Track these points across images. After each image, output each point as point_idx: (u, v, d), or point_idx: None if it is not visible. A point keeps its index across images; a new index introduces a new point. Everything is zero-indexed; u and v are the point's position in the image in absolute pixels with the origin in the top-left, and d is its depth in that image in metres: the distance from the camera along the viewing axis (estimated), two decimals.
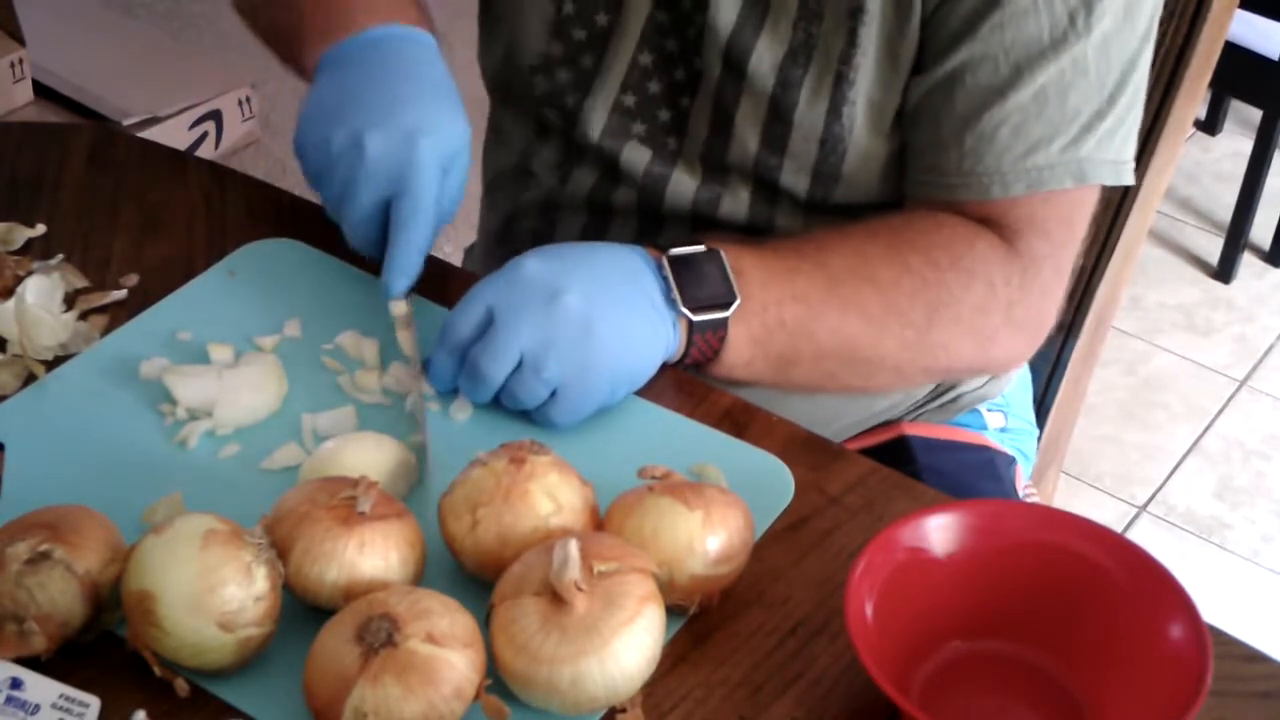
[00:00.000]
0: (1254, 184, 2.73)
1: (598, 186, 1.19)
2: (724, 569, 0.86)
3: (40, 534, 0.81)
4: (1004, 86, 1.04)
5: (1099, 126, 1.05)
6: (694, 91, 1.13)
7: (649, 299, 0.98)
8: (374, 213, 1.00)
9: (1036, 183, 1.05)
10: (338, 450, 0.92)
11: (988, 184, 1.06)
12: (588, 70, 1.15)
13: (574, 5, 1.14)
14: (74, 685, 0.80)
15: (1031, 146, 1.05)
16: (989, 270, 1.06)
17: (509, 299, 0.95)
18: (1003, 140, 1.05)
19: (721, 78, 1.10)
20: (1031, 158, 1.05)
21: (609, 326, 0.95)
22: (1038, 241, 1.07)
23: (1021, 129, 1.04)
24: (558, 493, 0.86)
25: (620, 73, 1.14)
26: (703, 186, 1.15)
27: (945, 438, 1.23)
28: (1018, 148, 1.05)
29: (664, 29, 1.12)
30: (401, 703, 0.76)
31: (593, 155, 1.18)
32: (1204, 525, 2.36)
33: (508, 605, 0.81)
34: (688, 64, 1.12)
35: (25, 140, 1.24)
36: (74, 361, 1.02)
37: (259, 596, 0.80)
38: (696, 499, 0.86)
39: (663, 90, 1.14)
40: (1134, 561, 0.85)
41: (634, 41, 1.13)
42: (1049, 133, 1.04)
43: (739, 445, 0.98)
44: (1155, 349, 2.67)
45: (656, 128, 1.15)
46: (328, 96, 1.02)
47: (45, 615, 0.81)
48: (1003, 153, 1.05)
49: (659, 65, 1.13)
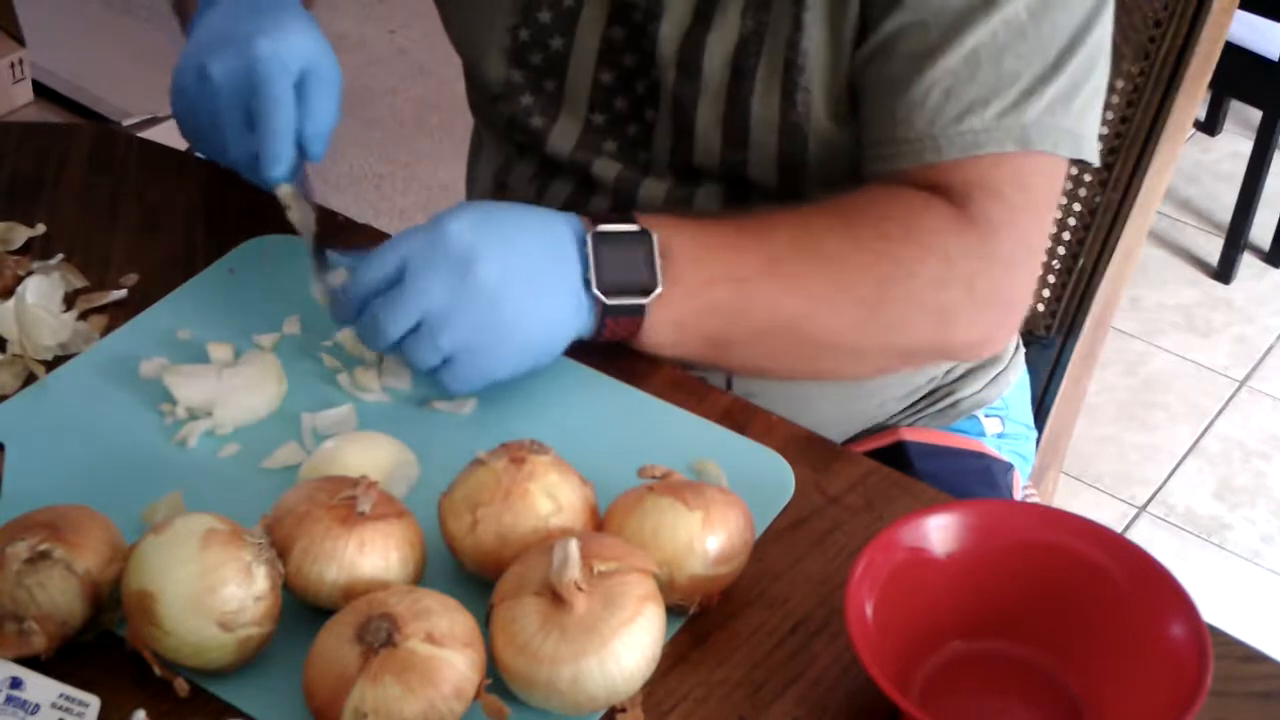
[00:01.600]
0: (1254, 184, 2.73)
1: (573, 198, 1.19)
2: (724, 569, 0.86)
3: (40, 533, 0.81)
4: (933, 50, 1.01)
5: (1044, 91, 1.02)
6: (656, 102, 1.13)
7: (565, 279, 0.97)
8: (245, 131, 1.03)
9: (972, 145, 1.01)
10: (338, 450, 0.92)
11: (920, 149, 1.03)
12: (551, 93, 1.16)
13: (529, 32, 1.14)
14: (74, 685, 0.80)
15: (965, 110, 1.02)
16: (944, 241, 1.01)
17: (423, 258, 0.94)
18: (934, 104, 1.02)
19: (678, 80, 1.10)
20: (966, 121, 1.02)
21: (516, 305, 0.95)
22: (990, 204, 1.02)
23: (953, 93, 1.02)
24: (558, 492, 0.86)
25: (584, 93, 1.15)
26: (674, 189, 1.15)
27: (942, 444, 1.23)
28: (950, 111, 1.02)
29: (620, 46, 1.12)
30: (401, 702, 0.76)
31: (566, 170, 1.18)
32: (1204, 525, 2.36)
33: (508, 605, 0.81)
34: (647, 76, 1.12)
35: (25, 140, 1.24)
36: (74, 362, 1.02)
37: (259, 596, 0.80)
38: (696, 499, 0.86)
39: (628, 106, 1.14)
40: (1134, 561, 0.85)
41: (592, 61, 1.13)
42: (984, 96, 1.01)
43: (739, 440, 0.98)
44: (1155, 349, 2.67)
45: (626, 142, 1.15)
46: (185, 52, 1.07)
47: (45, 615, 0.81)
48: (934, 117, 1.02)
49: (620, 82, 1.13)
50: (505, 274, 0.94)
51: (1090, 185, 1.33)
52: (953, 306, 1.02)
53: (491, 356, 0.96)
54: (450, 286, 0.94)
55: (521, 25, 1.14)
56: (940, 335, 1.04)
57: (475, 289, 0.94)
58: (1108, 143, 1.32)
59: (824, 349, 1.03)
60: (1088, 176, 1.34)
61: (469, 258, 0.94)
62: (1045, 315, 1.39)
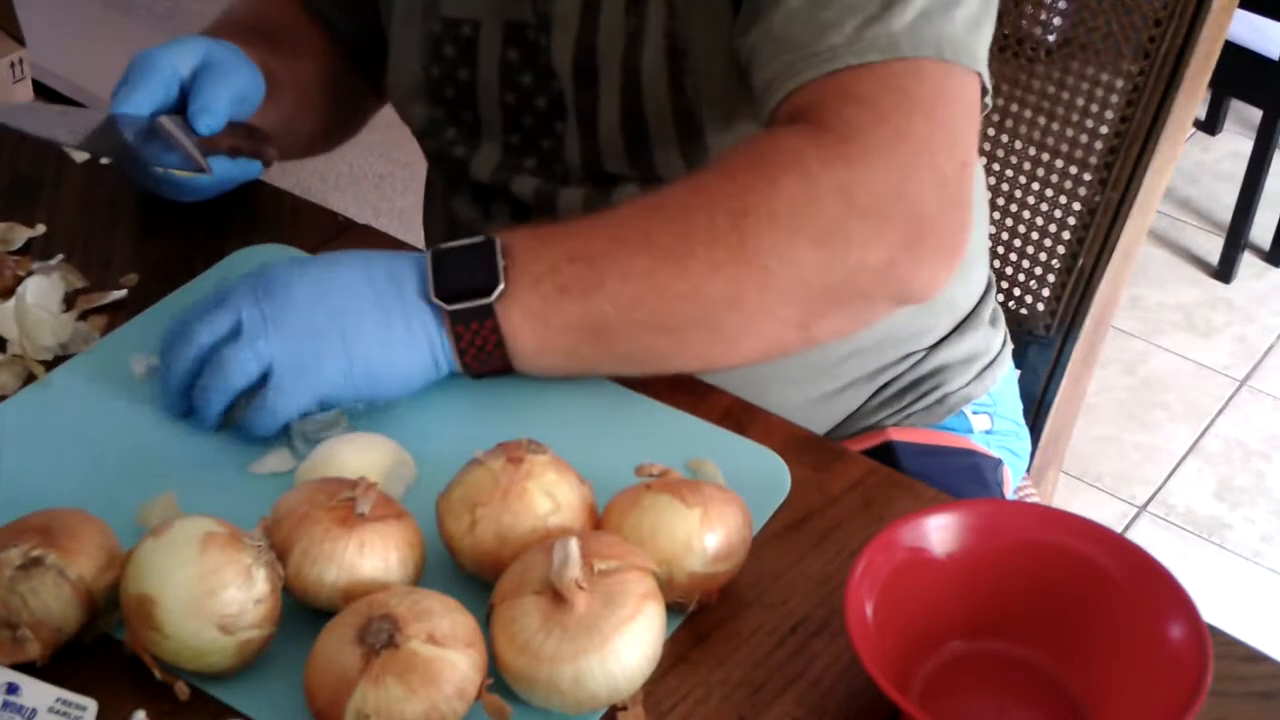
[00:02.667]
0: (1254, 184, 2.73)
1: (512, 218, 1.20)
2: (723, 566, 0.86)
3: (33, 539, 0.81)
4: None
5: (910, 5, 0.96)
6: (563, 114, 1.14)
7: (401, 296, 0.95)
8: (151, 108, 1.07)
9: (829, 60, 0.96)
10: (335, 451, 0.92)
11: (783, 80, 0.98)
12: (470, 123, 1.18)
13: (438, 69, 1.17)
14: (71, 688, 0.80)
15: (821, 32, 0.97)
16: (799, 157, 0.93)
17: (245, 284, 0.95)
18: (793, 38, 0.98)
19: (576, 89, 1.11)
20: (825, 39, 0.96)
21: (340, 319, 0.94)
22: (850, 109, 0.94)
23: (810, 20, 0.97)
24: (556, 491, 0.86)
25: (496, 116, 1.17)
26: (590, 194, 1.15)
27: (930, 442, 1.23)
28: (807, 39, 0.97)
29: (516, 66, 1.14)
30: (403, 703, 0.76)
31: (496, 193, 1.20)
32: (1204, 525, 2.36)
33: (508, 604, 0.81)
34: (547, 91, 1.14)
35: (25, 140, 1.24)
36: (73, 362, 1.02)
37: (259, 599, 0.80)
38: (694, 496, 0.86)
39: (536, 122, 1.16)
40: (1134, 561, 0.85)
41: (495, 86, 1.15)
42: (841, 14, 0.96)
43: (735, 440, 0.98)
44: (1155, 349, 2.67)
45: (543, 157, 1.17)
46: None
47: (39, 622, 0.80)
48: (794, 48, 0.97)
49: (523, 101, 1.15)
50: (323, 293, 0.94)
51: (1090, 185, 1.34)
52: (833, 222, 0.93)
53: (316, 372, 0.94)
54: (262, 303, 0.94)
55: (432, 63, 1.17)
56: (836, 259, 0.93)
57: (290, 302, 0.94)
58: (1108, 142, 1.32)
59: (706, 309, 0.94)
60: (1087, 176, 1.34)
61: (285, 280, 0.95)
62: (1045, 315, 1.39)
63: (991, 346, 1.28)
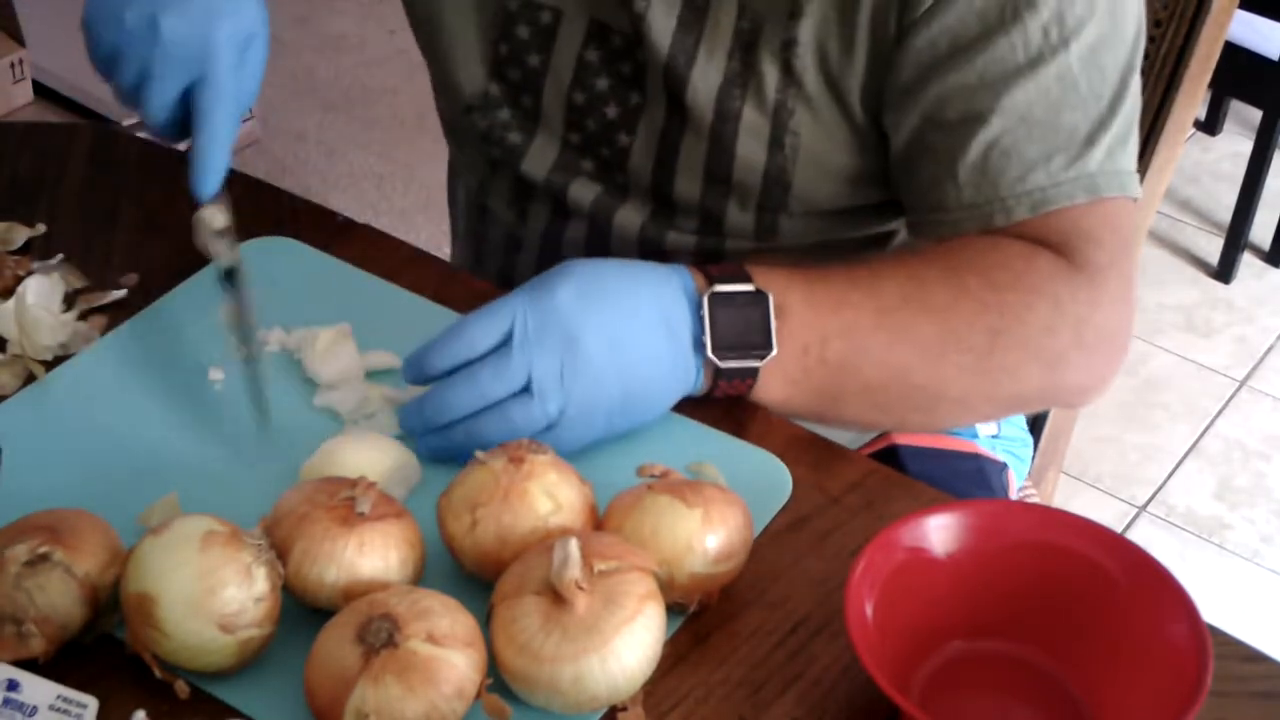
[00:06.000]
0: (1254, 184, 2.73)
1: (551, 223, 1.19)
2: (724, 567, 0.86)
3: (40, 536, 0.81)
4: (985, 113, 1.01)
5: (1103, 138, 1.02)
6: (632, 127, 1.12)
7: (677, 343, 0.96)
8: (176, 99, 0.98)
9: (1041, 203, 1.01)
10: (337, 450, 0.92)
11: (988, 213, 1.03)
12: (528, 109, 1.16)
13: (507, 46, 1.14)
14: (72, 685, 0.80)
15: (1028, 169, 1.01)
16: (1054, 286, 1.01)
17: (533, 326, 0.92)
18: (995, 167, 1.01)
19: (667, 109, 1.10)
20: (1030, 179, 1.01)
21: (623, 374, 0.94)
22: (1092, 250, 1.02)
23: (1013, 152, 1.01)
24: (557, 492, 0.86)
25: (559, 112, 1.14)
26: (650, 221, 1.14)
27: (935, 445, 1.22)
28: (1013, 172, 1.02)
29: (594, 68, 1.12)
30: (403, 703, 0.76)
31: (542, 191, 1.18)
32: (1204, 525, 2.36)
33: (508, 605, 0.81)
34: (621, 101, 1.12)
35: (25, 140, 1.24)
36: (73, 361, 1.02)
37: (259, 598, 0.80)
38: (695, 497, 0.86)
39: (600, 129, 1.13)
40: (1134, 561, 0.85)
41: (566, 81, 1.13)
42: (1045, 152, 1.01)
43: (736, 443, 0.98)
44: (1155, 349, 2.67)
45: (600, 164, 1.15)
46: None
47: (44, 618, 0.81)
48: (997, 179, 1.02)
49: (591, 104, 1.13)
50: (614, 346, 0.93)
51: None
52: (1062, 351, 1.01)
53: (595, 421, 0.94)
54: (558, 357, 0.92)
55: (501, 40, 1.14)
56: (1050, 380, 1.03)
57: (584, 362, 0.93)
58: None
59: (935, 399, 1.02)
60: None
61: (577, 332, 0.93)
62: None
63: None
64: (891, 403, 1.02)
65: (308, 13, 3.29)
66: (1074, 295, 1.01)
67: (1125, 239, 1.04)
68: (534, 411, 0.92)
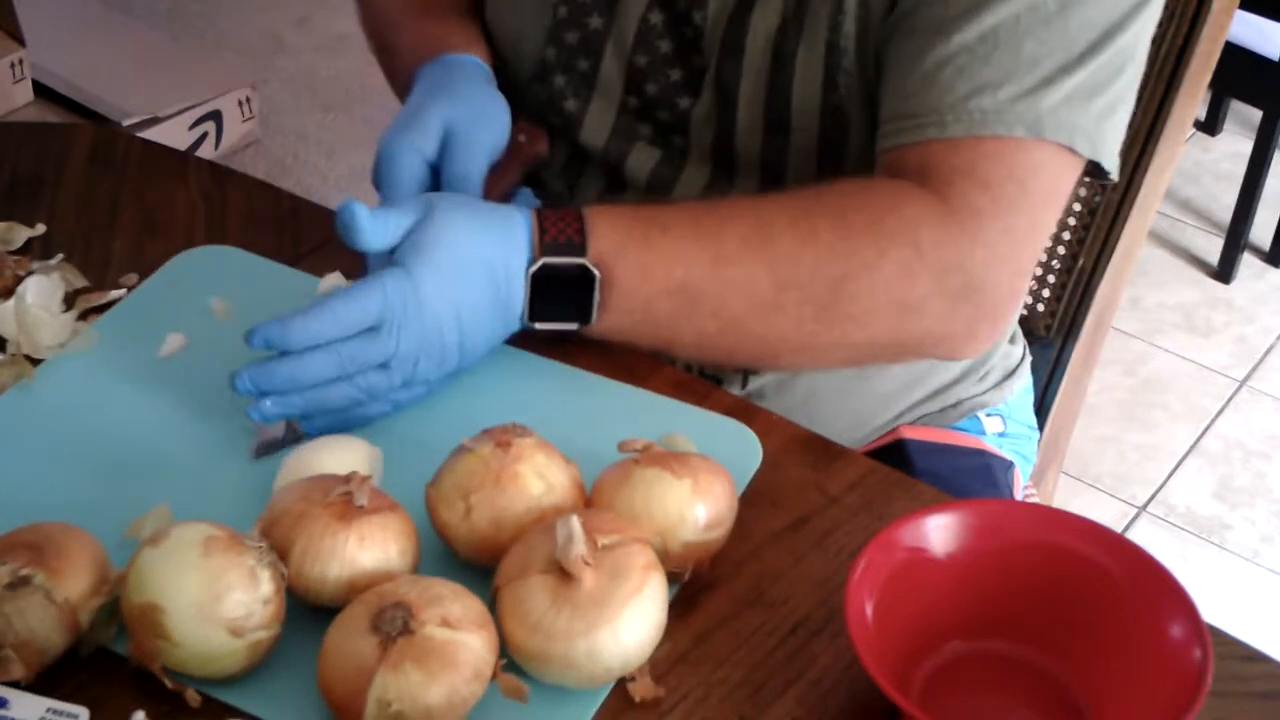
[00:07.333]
0: (1254, 184, 2.73)
1: (604, 193, 1.19)
2: (714, 534, 0.88)
3: (23, 556, 0.80)
4: (950, 25, 0.99)
5: (1064, 83, 0.99)
6: (695, 90, 1.12)
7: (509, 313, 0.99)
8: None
9: (979, 125, 0.98)
10: (312, 455, 0.92)
11: (926, 124, 1.00)
12: (585, 73, 1.15)
13: (566, 9, 1.14)
14: (66, 693, 0.80)
15: (976, 89, 0.98)
16: (915, 232, 0.98)
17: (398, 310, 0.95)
18: (946, 80, 0.99)
19: (720, 61, 1.09)
20: (975, 100, 0.98)
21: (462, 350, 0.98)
22: (975, 193, 0.98)
23: (967, 70, 0.99)
24: (547, 473, 0.87)
25: (619, 76, 1.14)
26: (711, 183, 1.14)
27: (942, 441, 1.23)
28: (960, 89, 0.99)
29: (658, 30, 1.12)
30: (424, 688, 0.76)
31: (598, 160, 1.18)
32: (1204, 525, 2.36)
33: (514, 586, 0.82)
34: (685, 64, 1.12)
35: (25, 140, 1.24)
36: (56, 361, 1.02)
37: (265, 600, 0.80)
38: (682, 468, 0.88)
39: (659, 92, 1.14)
40: (1134, 561, 0.85)
41: (629, 44, 1.13)
42: (998, 78, 0.98)
43: (699, 413, 1.00)
44: (1155, 349, 2.67)
45: (660, 129, 1.15)
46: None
47: (23, 643, 0.80)
48: (944, 93, 0.99)
49: (654, 66, 1.13)
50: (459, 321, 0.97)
51: (1090, 185, 1.33)
52: (918, 299, 0.99)
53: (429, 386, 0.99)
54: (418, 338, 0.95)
55: (560, 2, 1.14)
56: (906, 328, 1.00)
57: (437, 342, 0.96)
58: None
59: (774, 347, 1.02)
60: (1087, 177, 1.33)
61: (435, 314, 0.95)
62: (1045, 315, 1.39)
63: (1010, 361, 1.28)
64: (730, 349, 1.03)
65: (308, 13, 3.29)
66: (939, 241, 0.98)
67: (1030, 193, 1.00)
68: (386, 383, 0.95)
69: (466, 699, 0.78)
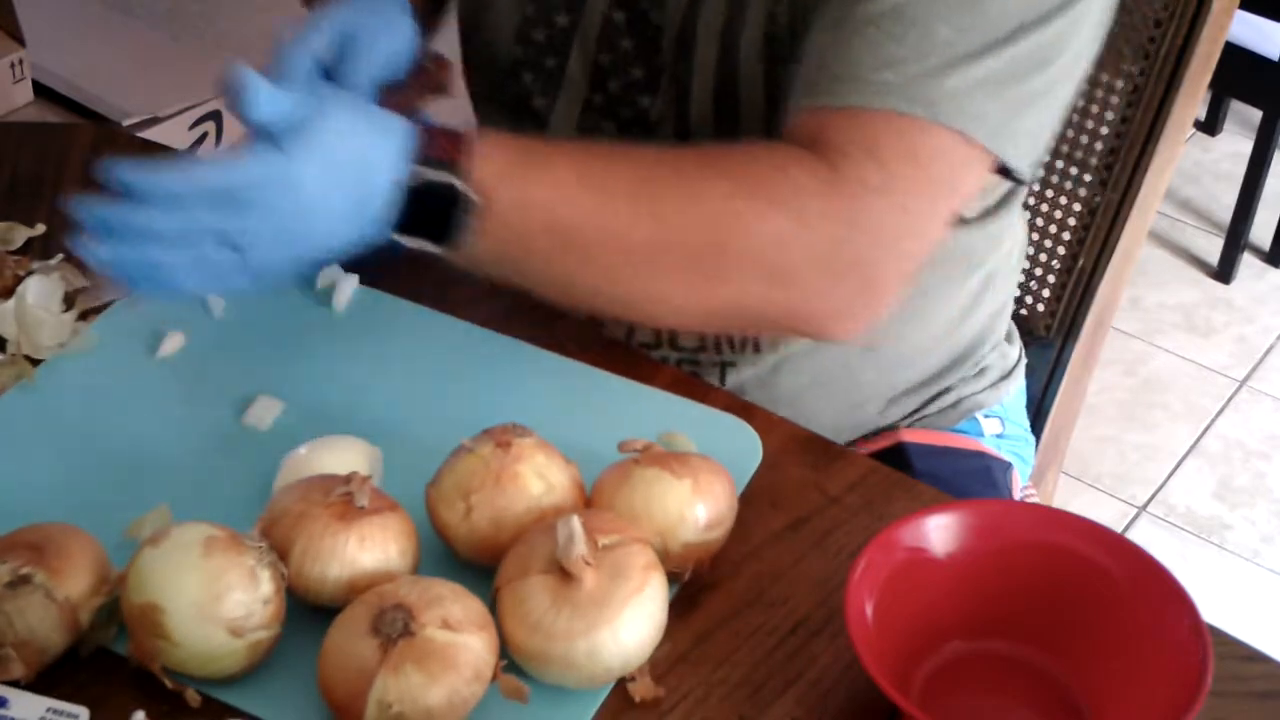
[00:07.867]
0: (1254, 184, 2.73)
1: None
2: (714, 534, 0.88)
3: (24, 555, 0.81)
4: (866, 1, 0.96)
5: (972, 69, 0.95)
6: (654, 88, 1.12)
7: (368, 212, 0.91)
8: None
9: (878, 96, 0.95)
10: (311, 456, 0.92)
11: (828, 90, 0.96)
12: (551, 71, 1.15)
13: (534, 6, 1.14)
14: (65, 692, 0.80)
15: (883, 63, 0.95)
16: (802, 201, 0.94)
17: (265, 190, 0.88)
18: (854, 50, 0.96)
19: (674, 64, 1.09)
20: (879, 74, 0.95)
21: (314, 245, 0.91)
22: (869, 169, 0.94)
23: (875, 43, 0.95)
24: (547, 473, 0.88)
25: (585, 72, 1.14)
26: None
27: (942, 444, 1.23)
28: (867, 60, 0.95)
29: (620, 28, 1.12)
30: (425, 690, 0.77)
31: None
32: (1204, 525, 2.36)
33: (514, 586, 0.82)
34: (646, 63, 1.12)
35: (25, 140, 1.24)
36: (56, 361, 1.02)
37: (266, 600, 0.80)
38: (682, 468, 0.88)
39: (621, 89, 1.14)
40: (1134, 561, 0.85)
41: (593, 42, 1.13)
42: (905, 55, 0.95)
43: (700, 410, 1.00)
44: (1155, 349, 2.67)
45: (623, 124, 1.15)
46: None
47: (23, 642, 0.80)
48: (851, 63, 0.96)
49: (617, 65, 1.13)
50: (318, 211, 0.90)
51: (1090, 185, 1.33)
52: (792, 269, 0.95)
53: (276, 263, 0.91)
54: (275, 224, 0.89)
55: (529, 1, 1.14)
56: (776, 298, 0.96)
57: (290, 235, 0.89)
58: (1108, 143, 1.32)
59: (643, 304, 0.98)
60: (1088, 176, 1.33)
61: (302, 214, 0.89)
62: (1045, 315, 1.39)
63: (1007, 361, 1.28)
64: (596, 297, 0.98)
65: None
66: (824, 213, 0.95)
67: (925, 176, 0.97)
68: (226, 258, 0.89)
69: (467, 700, 0.78)
